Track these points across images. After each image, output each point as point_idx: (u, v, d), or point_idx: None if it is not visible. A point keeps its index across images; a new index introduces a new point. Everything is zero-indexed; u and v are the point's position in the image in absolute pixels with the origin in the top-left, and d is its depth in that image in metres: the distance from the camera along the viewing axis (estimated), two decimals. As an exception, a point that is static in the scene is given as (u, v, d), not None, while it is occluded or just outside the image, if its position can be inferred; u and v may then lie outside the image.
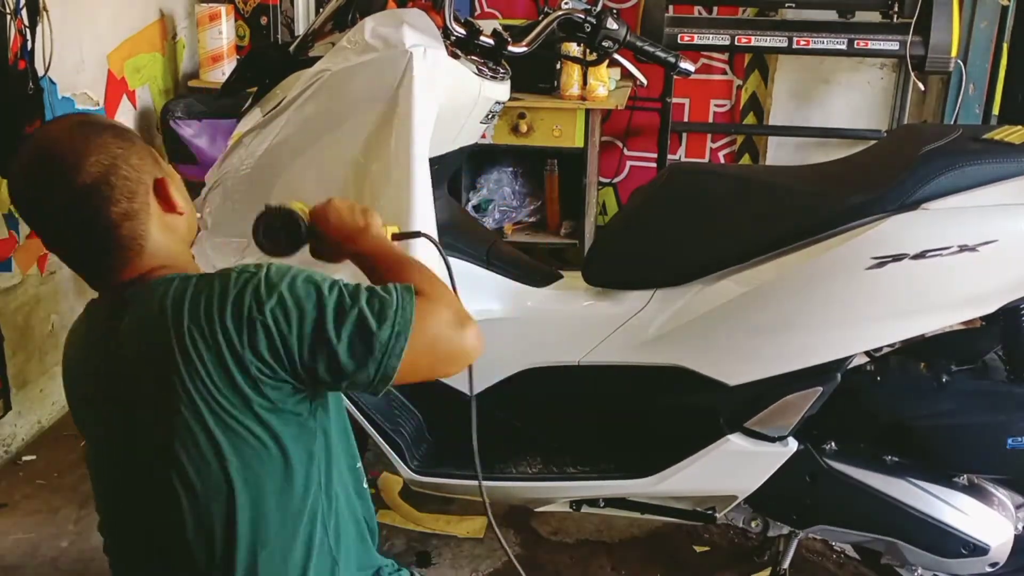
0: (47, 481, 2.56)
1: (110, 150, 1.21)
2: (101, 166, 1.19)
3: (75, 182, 1.18)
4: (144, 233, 1.23)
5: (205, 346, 1.16)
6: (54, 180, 1.19)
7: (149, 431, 1.20)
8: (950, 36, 3.01)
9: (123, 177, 1.21)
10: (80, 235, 1.21)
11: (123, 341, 1.22)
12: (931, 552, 1.83)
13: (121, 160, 1.21)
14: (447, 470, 1.94)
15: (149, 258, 1.25)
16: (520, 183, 3.66)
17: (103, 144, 1.21)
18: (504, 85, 1.93)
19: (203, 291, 1.18)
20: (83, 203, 1.19)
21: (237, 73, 1.98)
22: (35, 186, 1.22)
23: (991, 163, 1.67)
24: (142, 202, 1.23)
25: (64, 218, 1.20)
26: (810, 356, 1.76)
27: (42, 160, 1.22)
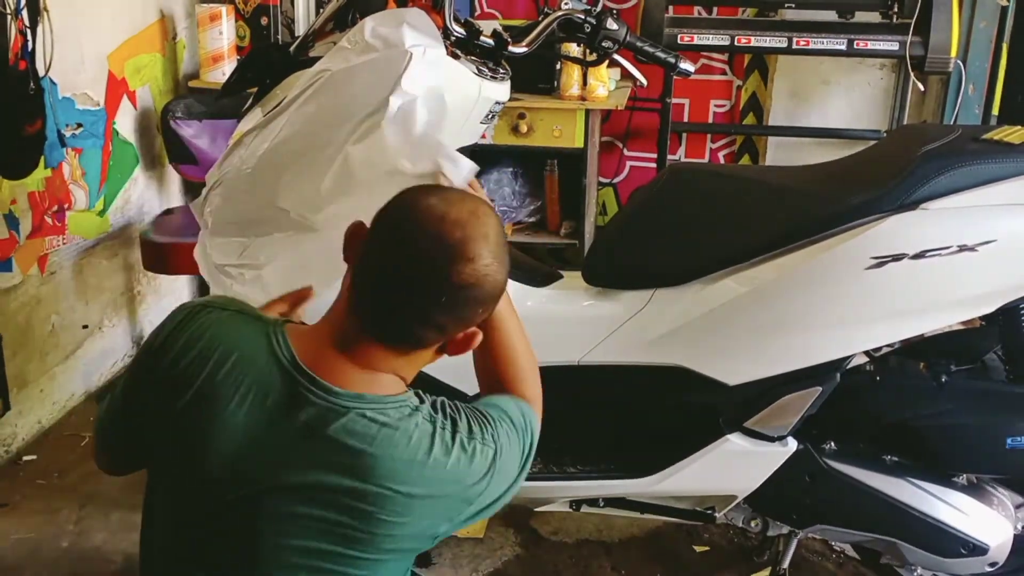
0: (47, 481, 2.56)
1: (496, 277, 1.20)
2: (478, 280, 1.17)
3: (459, 264, 1.14)
4: (427, 347, 1.22)
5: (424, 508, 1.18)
6: (443, 252, 1.14)
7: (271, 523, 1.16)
8: (950, 36, 3.01)
9: (471, 307, 1.19)
10: (413, 297, 1.16)
11: (295, 433, 1.15)
12: (930, 552, 1.83)
13: (485, 294, 1.20)
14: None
15: (402, 365, 1.22)
16: (520, 183, 3.66)
17: (499, 268, 1.21)
18: (504, 85, 1.93)
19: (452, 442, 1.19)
20: (446, 286, 1.15)
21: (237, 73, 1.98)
22: (429, 231, 1.15)
23: (991, 163, 1.67)
24: (450, 332, 1.21)
25: (420, 275, 1.15)
26: (810, 356, 1.76)
27: (454, 222, 1.16)
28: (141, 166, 3.20)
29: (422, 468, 1.16)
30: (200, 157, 3.11)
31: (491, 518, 2.37)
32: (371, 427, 1.15)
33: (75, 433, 2.76)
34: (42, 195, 2.66)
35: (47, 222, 2.70)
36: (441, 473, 1.17)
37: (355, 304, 1.20)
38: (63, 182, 2.75)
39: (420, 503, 1.17)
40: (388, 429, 1.16)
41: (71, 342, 2.86)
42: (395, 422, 1.17)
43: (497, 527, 2.36)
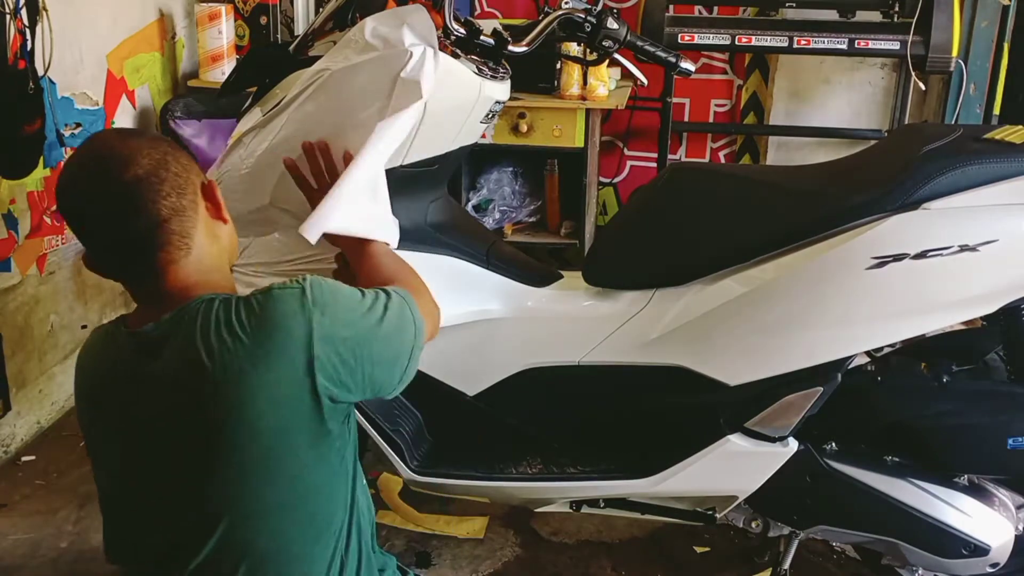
0: (46, 481, 2.56)
1: (160, 147, 1.22)
2: (153, 159, 1.20)
3: (126, 175, 1.18)
4: (192, 232, 1.23)
5: (267, 364, 1.17)
6: (106, 175, 1.19)
7: (190, 462, 1.20)
8: (951, 36, 3.01)
9: (173, 172, 1.21)
10: (129, 230, 1.19)
11: (163, 373, 1.20)
12: (932, 552, 1.83)
13: (171, 157, 1.22)
14: (447, 470, 1.94)
15: (194, 263, 1.24)
16: (520, 183, 3.66)
17: (152, 142, 1.23)
18: (504, 85, 1.93)
19: (241, 314, 1.19)
20: (134, 194, 1.18)
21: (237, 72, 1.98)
22: (86, 183, 1.21)
23: (992, 163, 1.67)
24: (191, 200, 1.23)
25: (114, 213, 1.19)
26: (810, 356, 1.75)
27: (93, 159, 1.21)
28: (140, 166, 3.19)
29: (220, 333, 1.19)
30: (199, 157, 3.10)
31: (491, 518, 2.36)
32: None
33: (74, 433, 2.76)
34: (41, 195, 2.66)
35: (46, 222, 2.70)
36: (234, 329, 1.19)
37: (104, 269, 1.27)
38: (62, 182, 2.75)
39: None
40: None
41: (70, 342, 2.86)
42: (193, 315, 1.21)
43: (497, 527, 2.35)
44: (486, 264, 1.93)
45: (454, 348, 1.92)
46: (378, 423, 1.91)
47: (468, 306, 1.90)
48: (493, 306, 1.93)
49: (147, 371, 1.21)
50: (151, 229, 1.20)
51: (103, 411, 1.28)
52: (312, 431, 1.22)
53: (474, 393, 1.94)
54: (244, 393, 1.16)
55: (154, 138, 1.25)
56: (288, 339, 1.18)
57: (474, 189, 3.63)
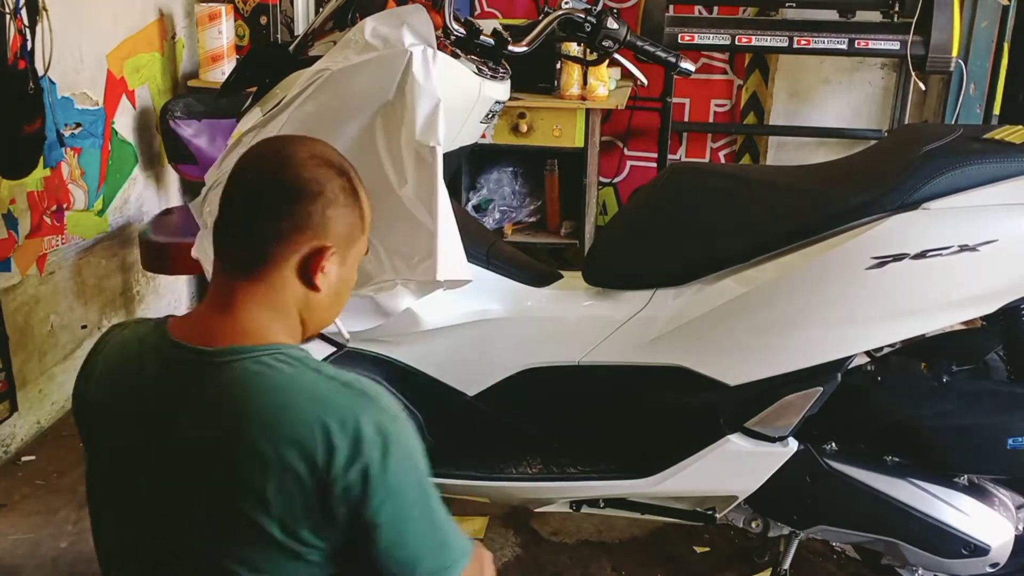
0: (46, 481, 2.55)
1: (330, 185, 1.18)
2: (307, 185, 1.16)
3: (282, 175, 1.16)
4: (277, 266, 1.17)
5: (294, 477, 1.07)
6: (275, 164, 1.18)
7: (198, 519, 1.13)
8: (951, 36, 3.01)
9: (308, 210, 1.16)
10: (249, 217, 1.17)
11: (203, 411, 1.12)
12: (931, 552, 1.83)
13: (324, 201, 1.17)
14: (447, 470, 1.94)
15: (264, 295, 1.17)
16: (520, 183, 3.66)
17: (330, 177, 1.19)
18: (504, 85, 1.93)
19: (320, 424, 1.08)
20: (272, 193, 1.16)
21: (237, 72, 1.98)
22: (257, 161, 1.21)
23: (991, 163, 1.67)
24: (295, 243, 1.17)
25: (252, 195, 1.18)
26: (810, 356, 1.75)
27: (277, 147, 1.21)
28: (140, 166, 3.20)
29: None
30: (199, 157, 3.10)
31: (491, 518, 2.36)
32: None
33: (74, 433, 2.72)
34: (41, 195, 2.66)
35: (46, 222, 2.70)
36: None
37: (216, 250, 1.22)
38: (62, 182, 2.75)
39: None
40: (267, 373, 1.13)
41: (70, 342, 2.86)
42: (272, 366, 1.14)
43: (497, 527, 2.35)
44: (486, 264, 1.93)
45: (454, 348, 1.92)
46: (378, 423, 1.91)
47: (468, 306, 1.90)
48: (493, 306, 1.93)
49: (193, 389, 1.13)
50: (255, 232, 1.17)
51: (130, 408, 1.19)
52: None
53: (474, 393, 1.94)
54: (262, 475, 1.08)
55: (340, 169, 1.21)
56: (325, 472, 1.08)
57: (474, 189, 3.63)
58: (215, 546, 1.12)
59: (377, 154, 1.74)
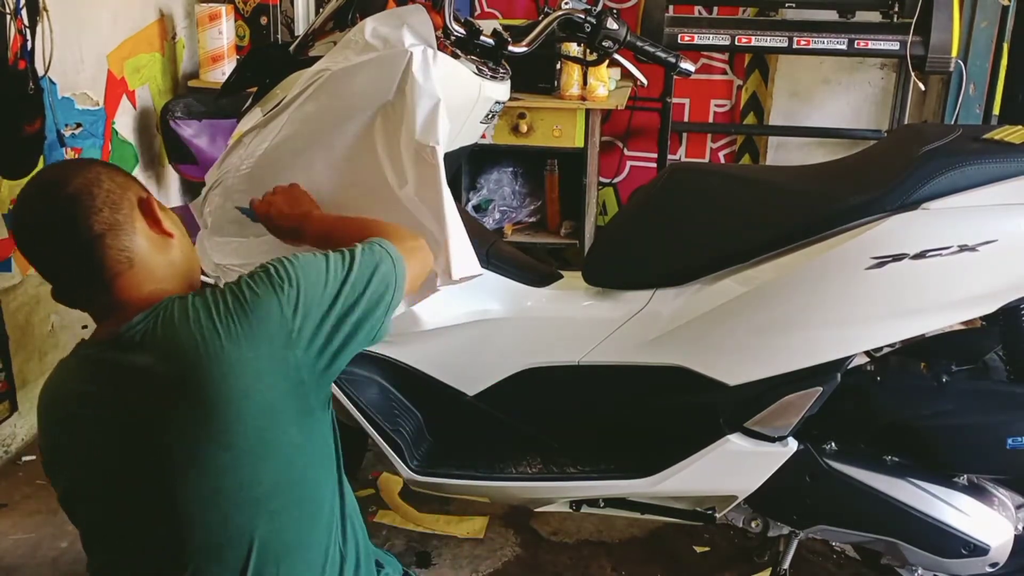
0: (46, 481, 2.55)
1: (93, 167, 1.27)
2: (83, 179, 1.24)
3: (58, 195, 1.23)
4: (130, 246, 1.26)
5: (248, 342, 1.20)
6: (42, 198, 1.25)
7: (185, 451, 1.21)
8: (950, 36, 3.01)
9: (105, 190, 1.25)
10: (69, 247, 1.23)
11: (148, 364, 1.21)
12: (931, 552, 1.83)
13: (104, 176, 1.26)
14: (447, 470, 1.94)
15: (143, 274, 1.27)
16: (520, 183, 3.66)
17: (86, 164, 1.29)
18: (504, 85, 1.93)
19: (218, 302, 1.22)
20: (65, 212, 1.22)
21: (237, 73, 1.98)
22: (28, 210, 1.27)
23: (991, 163, 1.67)
24: (126, 215, 1.26)
25: (54, 232, 1.23)
26: (810, 356, 1.75)
27: (34, 187, 1.28)
28: (140, 166, 3.20)
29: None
30: (200, 157, 3.10)
31: (491, 518, 2.36)
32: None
33: (74, 433, 2.76)
34: (41, 195, 2.66)
35: (46, 222, 2.69)
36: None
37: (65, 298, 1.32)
38: (62, 182, 2.74)
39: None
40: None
41: (71, 342, 2.84)
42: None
43: (497, 527, 2.35)
44: (486, 264, 1.93)
45: (454, 348, 1.92)
46: (378, 423, 1.91)
47: (468, 306, 1.90)
48: (493, 306, 1.93)
49: (132, 364, 1.22)
50: (87, 244, 1.23)
51: (85, 423, 1.27)
52: (297, 409, 1.25)
53: (474, 393, 1.94)
54: (229, 374, 1.19)
55: (89, 161, 1.31)
56: (265, 316, 1.22)
57: (474, 189, 3.63)
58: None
59: (377, 154, 1.74)
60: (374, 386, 1.95)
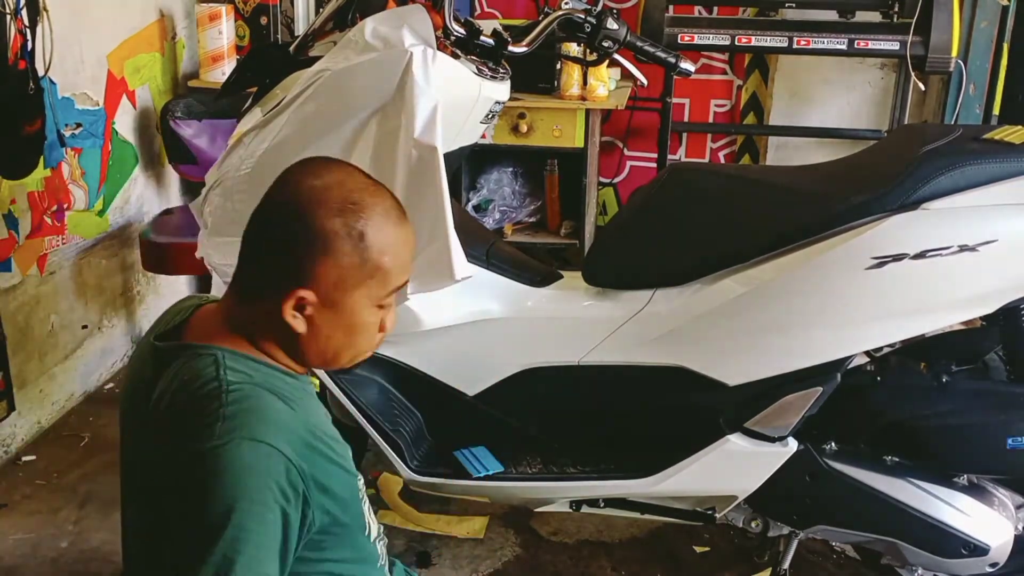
0: (47, 481, 2.56)
1: (338, 231, 1.15)
2: (335, 234, 1.14)
3: (317, 216, 1.14)
4: (261, 292, 1.17)
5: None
6: (302, 198, 1.16)
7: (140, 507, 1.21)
8: (950, 36, 3.01)
9: (300, 259, 1.14)
10: (268, 243, 1.18)
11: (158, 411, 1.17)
12: (931, 552, 1.83)
13: (344, 244, 1.15)
14: (447, 470, 1.94)
15: (246, 314, 1.19)
16: (520, 183, 3.66)
17: (344, 223, 1.15)
18: (504, 85, 1.93)
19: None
20: (278, 231, 1.16)
21: (237, 73, 1.98)
22: (293, 189, 1.19)
23: (991, 163, 1.67)
24: (292, 277, 1.15)
25: (271, 224, 1.18)
26: (810, 356, 1.76)
27: (325, 172, 1.19)
28: (140, 166, 3.20)
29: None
30: (200, 157, 3.10)
31: (491, 518, 2.37)
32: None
33: (74, 433, 2.76)
34: (41, 195, 2.66)
35: (46, 222, 2.70)
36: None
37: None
38: (62, 182, 2.75)
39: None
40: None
41: (70, 342, 2.86)
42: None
43: (497, 527, 2.35)
44: (486, 264, 1.94)
45: (454, 348, 1.92)
46: (378, 423, 1.91)
47: (468, 306, 1.90)
48: (493, 306, 1.93)
49: (156, 380, 1.19)
50: (263, 264, 1.18)
51: (130, 406, 1.28)
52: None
53: (474, 393, 1.94)
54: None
55: (359, 220, 1.16)
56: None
57: (474, 189, 3.63)
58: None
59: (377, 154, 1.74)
60: (374, 386, 1.95)
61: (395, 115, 1.70)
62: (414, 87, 1.67)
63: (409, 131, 1.67)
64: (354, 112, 1.74)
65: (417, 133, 1.66)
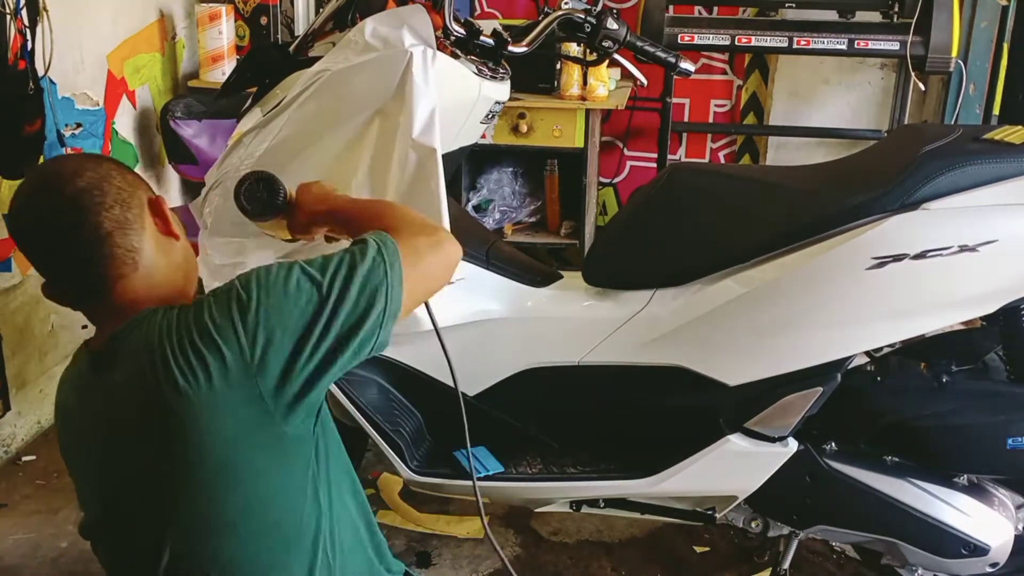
0: (47, 481, 2.56)
1: (103, 164, 1.23)
2: (96, 174, 1.20)
3: (67, 188, 1.18)
4: (139, 247, 1.22)
5: (205, 375, 1.14)
6: (49, 191, 1.20)
7: (151, 475, 1.19)
8: (950, 36, 3.01)
9: (116, 186, 1.20)
10: (74, 244, 1.19)
11: (118, 383, 1.20)
12: (931, 552, 1.83)
13: (115, 172, 1.22)
14: (447, 470, 1.94)
15: (143, 279, 1.23)
16: (520, 183, 3.66)
17: (95, 159, 1.24)
18: (504, 85, 1.93)
19: (180, 331, 1.16)
20: (75, 207, 1.18)
21: (237, 73, 1.98)
22: (31, 203, 1.22)
23: (991, 163, 1.67)
24: (136, 215, 1.22)
25: (59, 227, 1.18)
26: (810, 356, 1.76)
27: (38, 178, 1.24)
28: (140, 166, 3.20)
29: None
30: (199, 157, 3.10)
31: (491, 518, 2.36)
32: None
33: (74, 433, 2.76)
34: (41, 195, 2.66)
35: (46, 222, 2.69)
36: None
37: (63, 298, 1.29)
38: (63, 182, 2.75)
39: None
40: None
41: (70, 342, 2.86)
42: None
43: (497, 527, 2.35)
44: (486, 264, 1.94)
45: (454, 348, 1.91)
46: (378, 423, 1.91)
47: (468, 306, 1.90)
48: (493, 306, 1.93)
49: (104, 382, 1.21)
50: (95, 242, 1.19)
51: (77, 432, 1.28)
52: (265, 437, 1.19)
53: (474, 393, 1.94)
54: (188, 409, 1.14)
55: (98, 157, 1.26)
56: (222, 348, 1.15)
57: (474, 189, 3.63)
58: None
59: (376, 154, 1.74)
60: (374, 386, 1.95)
61: (395, 115, 1.70)
62: (414, 87, 1.67)
63: (408, 131, 1.67)
64: (354, 112, 1.74)
65: (416, 133, 1.66)
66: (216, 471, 1.17)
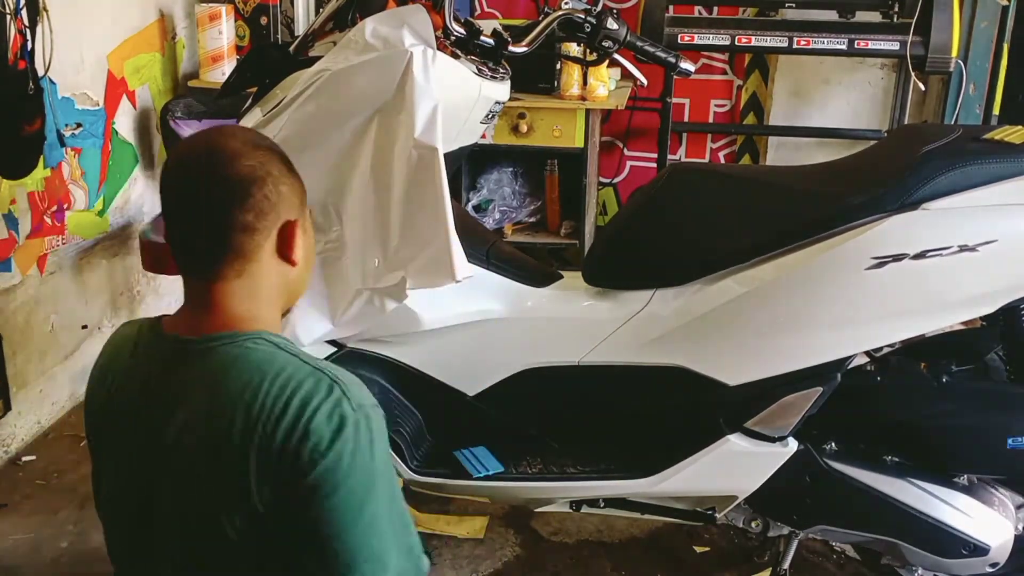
0: (47, 481, 2.56)
1: (270, 166, 1.19)
2: (253, 171, 1.17)
3: (224, 170, 1.16)
4: (255, 256, 1.19)
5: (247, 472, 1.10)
6: (210, 161, 1.17)
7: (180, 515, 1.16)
8: (950, 36, 3.01)
9: (264, 194, 1.17)
10: (203, 219, 1.17)
11: (188, 386, 1.15)
12: (931, 552, 1.83)
13: (273, 180, 1.19)
14: (447, 470, 1.94)
15: (246, 290, 1.20)
16: (520, 183, 3.66)
17: (268, 158, 1.20)
18: (504, 85, 1.93)
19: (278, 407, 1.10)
20: (220, 190, 1.16)
21: (237, 73, 1.98)
22: (187, 163, 1.20)
23: (991, 163, 1.67)
24: (265, 228, 1.19)
25: (198, 198, 1.17)
26: (810, 356, 1.76)
27: (206, 144, 1.20)
28: (140, 166, 3.20)
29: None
30: (200, 157, 3.10)
31: (491, 518, 2.37)
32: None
33: (74, 434, 2.75)
34: (41, 195, 2.66)
35: (46, 222, 2.70)
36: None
37: (178, 257, 1.25)
38: (62, 182, 2.75)
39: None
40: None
41: (70, 342, 2.86)
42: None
43: (497, 527, 2.35)
44: (486, 264, 1.94)
45: (454, 348, 1.92)
46: (378, 423, 1.91)
47: (468, 306, 1.90)
48: (493, 306, 1.93)
49: (183, 377, 1.17)
50: (220, 228, 1.17)
51: (120, 407, 1.23)
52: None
53: (474, 393, 1.94)
54: (227, 473, 1.11)
55: (272, 153, 1.21)
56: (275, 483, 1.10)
57: (474, 189, 3.63)
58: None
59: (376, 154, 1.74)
60: (374, 386, 1.94)
61: (395, 115, 1.70)
62: (414, 87, 1.67)
63: (409, 131, 1.67)
64: (354, 112, 1.74)
65: (417, 133, 1.66)
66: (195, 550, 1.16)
